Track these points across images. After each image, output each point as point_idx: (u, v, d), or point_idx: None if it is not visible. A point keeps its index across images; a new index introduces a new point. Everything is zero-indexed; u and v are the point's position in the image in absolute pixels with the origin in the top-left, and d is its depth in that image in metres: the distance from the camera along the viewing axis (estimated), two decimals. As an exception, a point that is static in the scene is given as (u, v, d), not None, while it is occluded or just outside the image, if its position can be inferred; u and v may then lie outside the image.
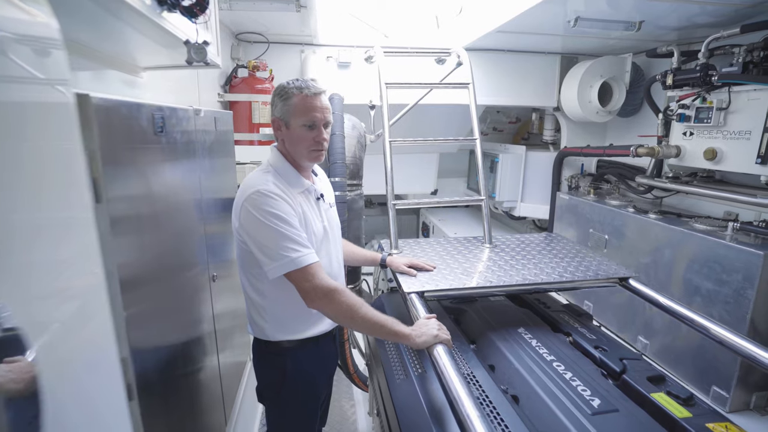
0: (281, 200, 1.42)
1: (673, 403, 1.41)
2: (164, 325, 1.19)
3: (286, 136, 1.52)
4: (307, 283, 1.40)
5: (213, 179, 1.64)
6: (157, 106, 1.04)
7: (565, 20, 2.53)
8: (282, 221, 1.40)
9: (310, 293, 1.41)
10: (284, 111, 1.48)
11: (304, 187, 1.57)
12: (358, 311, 1.43)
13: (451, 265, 2.08)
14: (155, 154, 1.06)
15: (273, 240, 1.38)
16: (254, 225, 1.40)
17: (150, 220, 1.06)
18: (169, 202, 1.19)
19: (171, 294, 1.24)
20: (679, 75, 2.50)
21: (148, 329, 1.05)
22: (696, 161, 2.57)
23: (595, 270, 2.06)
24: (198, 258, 1.48)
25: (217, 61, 1.53)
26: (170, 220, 1.22)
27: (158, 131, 1.05)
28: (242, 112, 2.87)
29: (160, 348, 1.14)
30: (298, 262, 1.39)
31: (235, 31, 2.98)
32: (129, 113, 0.91)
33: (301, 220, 1.49)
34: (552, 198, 3.84)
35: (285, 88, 1.48)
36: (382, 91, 2.56)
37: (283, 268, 1.39)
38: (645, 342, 2.75)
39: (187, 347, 1.37)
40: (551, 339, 1.84)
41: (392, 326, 1.45)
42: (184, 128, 1.27)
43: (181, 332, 1.31)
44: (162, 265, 1.17)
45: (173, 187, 1.24)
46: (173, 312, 1.26)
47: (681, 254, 2.48)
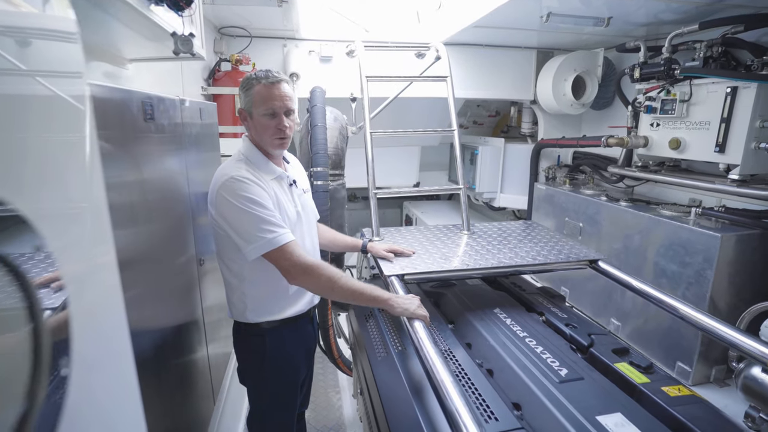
0: (254, 185, 1.47)
1: (634, 372, 1.53)
2: (156, 313, 1.24)
3: (251, 126, 1.57)
4: (286, 261, 1.45)
5: (199, 169, 1.69)
6: (146, 94, 1.09)
7: (538, 15, 2.63)
8: (256, 204, 1.44)
9: (291, 270, 1.46)
10: (247, 102, 1.53)
11: (276, 173, 1.61)
12: (338, 281, 1.49)
13: (430, 251, 2.17)
14: (146, 141, 1.11)
15: (249, 223, 1.43)
16: (230, 210, 1.44)
17: (141, 208, 1.10)
18: (159, 190, 1.24)
19: (161, 282, 1.29)
20: (646, 69, 2.63)
21: (141, 317, 1.10)
22: (662, 151, 2.70)
23: (567, 253, 2.18)
24: (187, 247, 1.53)
25: (201, 53, 1.57)
26: (160, 209, 1.26)
27: (148, 119, 1.11)
28: (226, 105, 2.90)
29: (153, 334, 1.19)
30: (275, 242, 1.43)
31: (217, 25, 3.01)
32: (121, 100, 0.96)
33: (275, 204, 1.53)
34: (530, 188, 3.97)
35: (247, 80, 1.53)
36: (363, 84, 2.63)
37: (260, 249, 1.43)
38: (617, 324, 2.89)
39: (178, 334, 1.42)
40: (525, 318, 1.95)
41: (372, 291, 1.54)
42: (171, 117, 1.32)
43: (172, 320, 1.36)
44: (153, 253, 1.22)
45: (163, 172, 1.29)
46: (164, 299, 1.31)
47: (649, 239, 2.62)
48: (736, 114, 2.25)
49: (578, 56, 3.33)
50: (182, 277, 1.47)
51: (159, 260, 1.26)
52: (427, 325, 1.51)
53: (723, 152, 2.31)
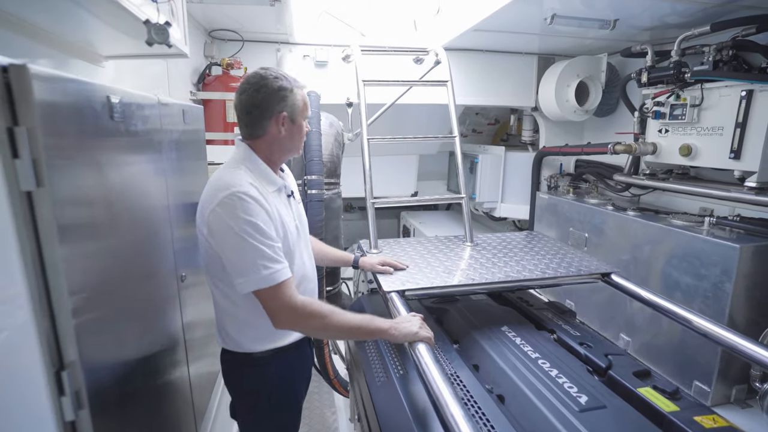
0: (258, 206, 1.30)
1: (660, 398, 1.38)
2: (126, 332, 1.09)
3: (288, 133, 1.43)
4: (274, 302, 1.30)
5: (181, 176, 1.55)
6: (111, 89, 0.96)
7: (541, 18, 2.53)
8: (259, 233, 1.28)
9: (277, 315, 1.31)
10: (292, 107, 1.41)
11: (277, 184, 1.48)
12: (330, 321, 1.34)
13: (432, 264, 2.03)
14: (111, 141, 0.97)
15: (246, 254, 1.27)
16: (226, 235, 1.27)
17: (105, 214, 0.96)
18: (129, 196, 1.10)
19: (134, 297, 1.14)
20: (654, 73, 2.53)
21: (104, 335, 0.96)
22: (672, 158, 2.59)
23: (578, 266, 2.05)
24: (164, 261, 1.38)
25: (184, 50, 1.44)
26: (131, 217, 1.12)
27: (115, 117, 0.97)
28: (216, 111, 2.77)
29: (119, 355, 1.05)
30: (269, 279, 1.28)
31: (207, 28, 2.89)
32: (77, 91, 0.83)
33: (278, 225, 1.38)
34: (532, 198, 3.85)
35: (289, 83, 1.40)
36: (360, 89, 2.51)
37: (252, 285, 1.28)
38: (627, 339, 2.75)
39: (153, 355, 1.26)
40: (535, 337, 1.81)
41: (369, 325, 1.40)
42: (146, 118, 1.18)
43: (145, 339, 1.21)
44: (121, 266, 1.07)
45: (134, 181, 1.14)
46: (136, 318, 1.16)
47: (660, 250, 2.49)
48: (752, 118, 2.14)
49: (581, 61, 3.24)
50: (158, 294, 1.32)
51: (129, 277, 1.12)
52: (432, 346, 1.37)
53: (738, 159, 2.19)
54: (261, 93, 1.37)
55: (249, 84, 1.39)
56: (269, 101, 1.38)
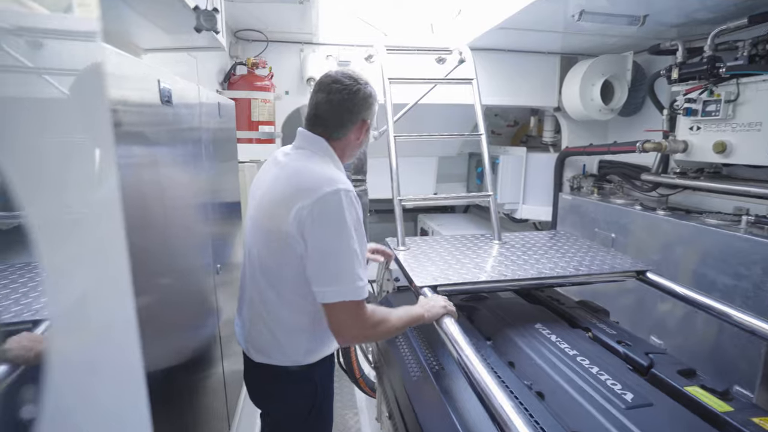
0: (358, 205, 1.22)
1: (710, 397, 1.33)
2: (168, 324, 1.08)
3: (363, 138, 1.40)
4: (351, 318, 1.20)
5: (215, 169, 1.55)
6: (162, 72, 0.96)
7: (568, 15, 2.50)
8: (360, 238, 1.21)
9: (350, 329, 1.22)
10: (371, 114, 1.37)
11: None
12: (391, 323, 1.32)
13: (461, 261, 2.00)
14: (164, 129, 0.97)
15: (345, 260, 1.16)
16: (329, 234, 1.16)
17: (157, 205, 0.95)
18: (177, 186, 1.10)
19: (177, 291, 1.13)
20: (685, 68, 2.48)
21: (154, 329, 0.95)
22: (704, 155, 2.53)
23: (611, 263, 2.00)
24: (203, 255, 1.37)
25: (222, 42, 1.45)
26: (178, 208, 1.12)
27: (165, 101, 0.97)
28: (241, 110, 2.78)
29: (164, 347, 1.04)
30: (358, 293, 1.18)
31: (233, 28, 2.92)
32: (135, 72, 0.83)
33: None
34: (554, 199, 3.80)
35: (372, 88, 1.36)
36: (385, 87, 2.51)
37: (340, 295, 1.17)
38: (658, 342, 2.68)
39: (192, 350, 1.25)
40: (570, 334, 1.76)
41: (411, 316, 1.41)
42: (189, 106, 1.18)
43: (186, 332, 1.20)
44: (167, 256, 1.06)
45: (181, 171, 1.14)
46: (179, 309, 1.15)
47: (693, 250, 2.43)
48: (793, 113, 2.08)
49: (606, 60, 3.20)
50: (198, 286, 1.31)
51: (174, 265, 1.11)
52: (455, 318, 1.45)
53: (778, 155, 2.13)
54: (354, 97, 1.30)
55: (343, 85, 1.30)
56: (361, 107, 1.32)
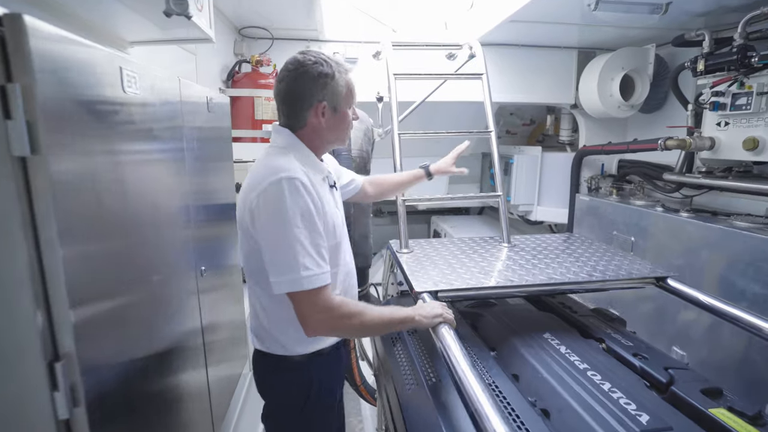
0: (308, 194, 1.19)
1: (738, 421, 1.19)
2: (136, 329, 1.01)
3: (329, 122, 1.31)
4: (308, 307, 1.20)
5: (204, 173, 1.48)
6: (126, 59, 0.89)
7: (584, 4, 2.37)
8: (307, 223, 1.18)
9: (310, 319, 1.21)
10: (333, 94, 1.28)
11: (324, 173, 1.38)
12: (366, 318, 1.26)
13: (467, 264, 1.89)
14: (124, 115, 0.90)
15: (288, 248, 1.16)
16: (271, 223, 1.17)
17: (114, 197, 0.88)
18: (143, 181, 1.03)
19: (148, 293, 1.06)
20: (712, 59, 2.31)
21: (110, 330, 0.87)
22: (733, 153, 2.36)
23: (628, 269, 1.86)
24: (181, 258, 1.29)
25: (209, 34, 1.38)
26: (145, 205, 1.04)
27: (128, 90, 0.90)
28: (245, 109, 2.74)
29: (128, 353, 0.96)
30: (306, 283, 1.17)
31: (238, 26, 2.88)
32: (87, 55, 0.76)
33: (326, 220, 1.29)
34: (571, 200, 3.63)
35: (330, 67, 1.27)
36: (391, 83, 2.41)
37: (288, 286, 1.17)
38: (681, 353, 2.50)
39: (167, 356, 1.18)
40: (582, 345, 1.63)
41: (397, 317, 1.33)
42: (163, 96, 1.11)
43: (158, 339, 1.12)
44: (134, 257, 1.00)
45: (150, 167, 1.07)
46: (149, 315, 1.07)
47: (720, 255, 2.26)
48: (833, 106, 1.90)
49: (626, 53, 3.03)
50: (175, 292, 1.23)
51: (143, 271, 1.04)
52: (453, 327, 1.33)
53: (817, 151, 1.96)
54: (299, 81, 1.25)
55: (287, 71, 1.27)
56: (308, 90, 1.26)
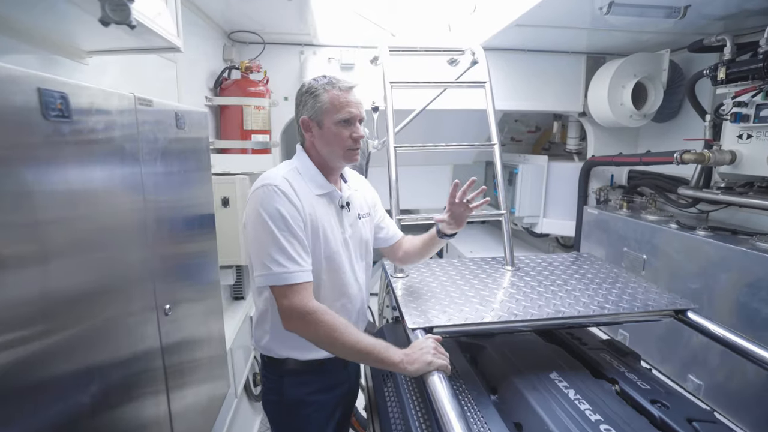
0: (286, 199, 1.32)
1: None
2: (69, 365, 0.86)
3: (318, 137, 1.42)
4: (285, 300, 1.28)
5: (170, 189, 1.33)
6: (48, 79, 0.74)
7: (594, 7, 2.20)
8: (279, 223, 1.29)
9: (285, 313, 1.29)
10: (314, 109, 1.39)
11: (326, 190, 1.45)
12: (341, 335, 1.26)
13: (466, 293, 1.73)
14: (49, 150, 0.75)
15: (263, 246, 1.29)
16: (251, 225, 1.32)
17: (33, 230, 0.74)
18: (77, 211, 0.87)
19: (84, 319, 0.91)
20: (735, 67, 2.13)
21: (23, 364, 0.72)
22: (756, 168, 2.18)
23: (643, 299, 1.69)
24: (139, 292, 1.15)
25: (175, 43, 1.23)
26: (77, 234, 0.89)
27: (53, 116, 0.75)
28: (233, 118, 2.59)
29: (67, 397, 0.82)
30: (281, 278, 1.28)
31: (227, 30, 2.73)
32: None
33: (308, 225, 1.36)
34: (578, 212, 3.46)
35: (314, 86, 1.40)
36: (387, 92, 2.26)
37: (265, 280, 1.30)
38: (697, 383, 2.33)
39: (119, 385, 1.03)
40: (593, 388, 1.46)
41: (380, 353, 1.26)
42: (111, 119, 0.96)
43: (108, 366, 0.98)
44: (70, 303, 0.85)
45: (89, 195, 0.92)
46: (95, 342, 0.93)
47: (743, 279, 2.08)
48: None
49: (639, 59, 2.86)
50: (126, 317, 1.08)
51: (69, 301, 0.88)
52: (447, 374, 1.21)
53: None
54: (296, 101, 1.45)
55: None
56: (298, 107, 1.44)
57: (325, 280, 1.45)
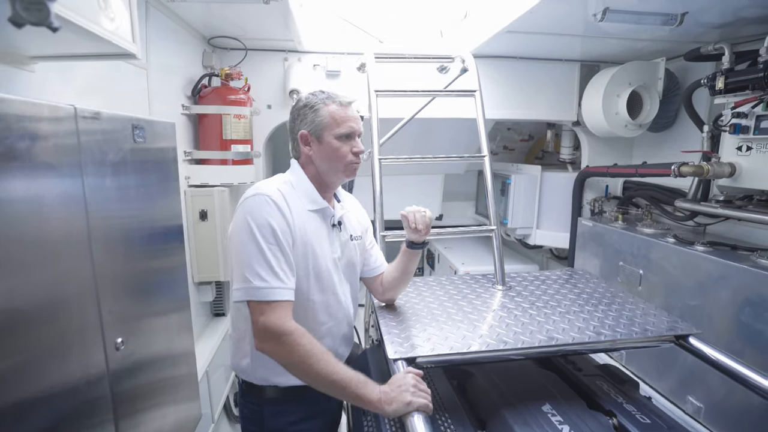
0: (276, 210, 1.26)
1: None
2: None
3: (317, 152, 1.38)
4: (261, 317, 1.20)
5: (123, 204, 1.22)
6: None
7: (588, 14, 2.11)
8: (267, 235, 1.23)
9: (260, 331, 1.21)
10: (315, 123, 1.35)
11: (319, 206, 1.41)
12: (316, 363, 1.16)
13: (453, 316, 1.61)
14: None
15: (246, 257, 1.23)
16: (236, 234, 1.26)
17: None
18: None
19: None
20: (734, 77, 2.05)
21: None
22: (756, 181, 2.09)
23: (642, 323, 1.58)
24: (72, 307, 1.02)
25: (129, 50, 1.12)
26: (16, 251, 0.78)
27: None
28: (212, 127, 2.47)
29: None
30: (259, 294, 1.21)
31: (206, 35, 2.62)
32: None
33: (298, 241, 1.31)
34: (573, 224, 3.36)
35: (313, 100, 1.37)
36: (372, 101, 2.16)
37: (243, 294, 1.23)
38: (697, 405, 2.22)
39: None
40: (589, 423, 1.35)
41: (357, 389, 1.16)
42: (44, 132, 0.85)
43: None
44: None
45: (16, 212, 0.80)
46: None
47: (744, 297, 1.98)
48: None
49: (634, 67, 2.78)
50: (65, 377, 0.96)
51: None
52: (429, 413, 1.11)
53: None
54: (291, 115, 1.43)
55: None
56: (295, 123, 1.40)
57: (313, 300, 1.39)
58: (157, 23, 2.03)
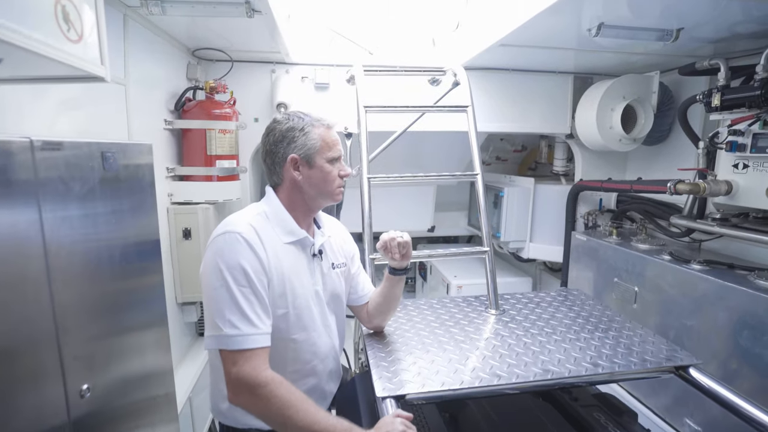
0: (249, 249, 1.18)
1: None
2: None
3: (306, 177, 1.30)
4: (234, 368, 1.12)
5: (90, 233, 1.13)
6: None
7: (582, 29, 2.07)
8: (239, 278, 1.15)
9: (233, 383, 1.13)
10: (308, 147, 1.28)
11: (296, 237, 1.32)
12: (295, 414, 1.08)
13: (445, 346, 1.54)
14: None
15: (217, 302, 1.15)
16: (207, 277, 1.17)
17: None
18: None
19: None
20: (730, 94, 2.01)
21: None
22: (753, 200, 2.05)
23: (640, 352, 1.52)
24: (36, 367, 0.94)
25: (96, 72, 1.04)
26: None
27: None
28: (196, 142, 2.39)
29: None
30: (231, 342, 1.13)
31: (191, 47, 2.54)
32: None
33: (273, 279, 1.23)
34: (566, 238, 3.31)
35: (299, 123, 1.29)
36: (361, 116, 2.09)
37: (214, 343, 1.15)
38: (696, 429, 2.16)
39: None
40: (587, 462, 1.29)
41: None
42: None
43: None
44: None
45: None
46: None
47: (742, 319, 1.93)
48: None
49: (628, 81, 2.74)
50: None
51: None
52: None
53: None
54: (271, 138, 1.32)
55: (266, 132, 1.34)
56: (280, 146, 1.30)
57: (295, 340, 1.31)
58: (136, 36, 1.95)
